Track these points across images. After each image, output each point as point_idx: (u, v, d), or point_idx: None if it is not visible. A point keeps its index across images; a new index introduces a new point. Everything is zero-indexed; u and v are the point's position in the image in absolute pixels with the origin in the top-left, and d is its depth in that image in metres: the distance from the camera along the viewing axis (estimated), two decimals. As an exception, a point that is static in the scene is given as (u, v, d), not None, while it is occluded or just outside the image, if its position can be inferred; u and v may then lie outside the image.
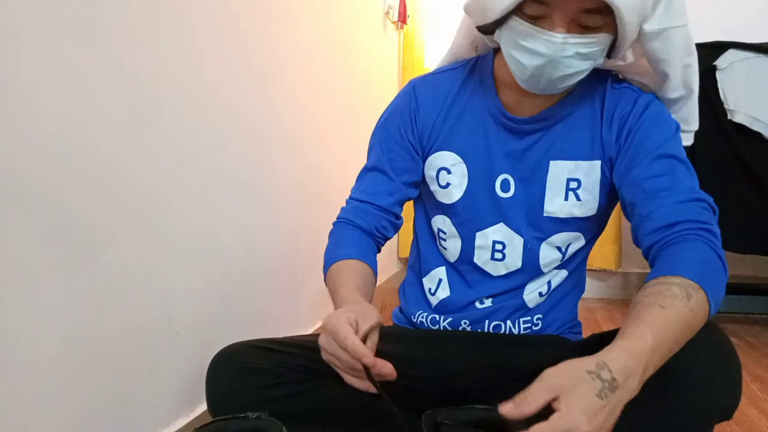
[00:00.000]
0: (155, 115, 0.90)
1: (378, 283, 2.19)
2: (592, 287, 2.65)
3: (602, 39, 0.74)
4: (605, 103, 0.85)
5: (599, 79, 0.86)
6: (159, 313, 0.92)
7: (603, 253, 2.53)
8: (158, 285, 0.92)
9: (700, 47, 1.81)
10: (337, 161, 1.79)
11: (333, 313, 0.70)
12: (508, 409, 0.54)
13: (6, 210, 0.64)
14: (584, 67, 0.76)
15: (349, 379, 0.69)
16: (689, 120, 0.89)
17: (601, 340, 0.82)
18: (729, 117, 1.78)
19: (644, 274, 0.81)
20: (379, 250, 0.96)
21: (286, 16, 1.40)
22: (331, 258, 0.88)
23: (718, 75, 1.80)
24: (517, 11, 0.74)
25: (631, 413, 0.69)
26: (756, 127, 1.76)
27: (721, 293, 0.69)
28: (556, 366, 0.56)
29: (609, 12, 0.70)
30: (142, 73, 0.87)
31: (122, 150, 0.83)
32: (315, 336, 0.89)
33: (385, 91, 2.37)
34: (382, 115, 0.97)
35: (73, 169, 0.73)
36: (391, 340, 0.80)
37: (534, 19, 0.73)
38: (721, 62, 1.81)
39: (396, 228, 0.96)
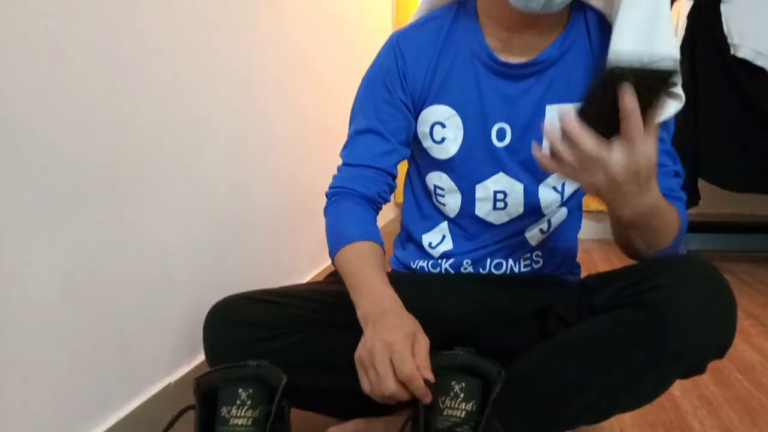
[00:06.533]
0: (140, 63, 0.87)
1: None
2: (588, 229, 2.66)
3: None
4: (591, 39, 0.84)
5: (577, 14, 0.84)
6: (155, 264, 0.92)
7: (600, 194, 2.52)
8: (153, 236, 0.91)
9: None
10: (331, 108, 1.75)
11: (390, 337, 0.65)
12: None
13: (-11, 164, 0.62)
14: None
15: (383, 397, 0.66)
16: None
17: (599, 280, 0.82)
18: (732, 52, 1.74)
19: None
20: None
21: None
22: (340, 238, 0.83)
23: (723, 8, 1.74)
24: None
25: (627, 350, 0.70)
26: (759, 62, 1.71)
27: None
28: None
29: None
30: (126, 22, 0.83)
31: (108, 98, 0.80)
32: (312, 285, 0.89)
33: (380, 33, 2.29)
34: (365, 77, 0.92)
35: (61, 118, 0.71)
36: (391, 284, 0.80)
37: None
38: (726, -5, 1.75)
39: (392, 191, 0.92)
